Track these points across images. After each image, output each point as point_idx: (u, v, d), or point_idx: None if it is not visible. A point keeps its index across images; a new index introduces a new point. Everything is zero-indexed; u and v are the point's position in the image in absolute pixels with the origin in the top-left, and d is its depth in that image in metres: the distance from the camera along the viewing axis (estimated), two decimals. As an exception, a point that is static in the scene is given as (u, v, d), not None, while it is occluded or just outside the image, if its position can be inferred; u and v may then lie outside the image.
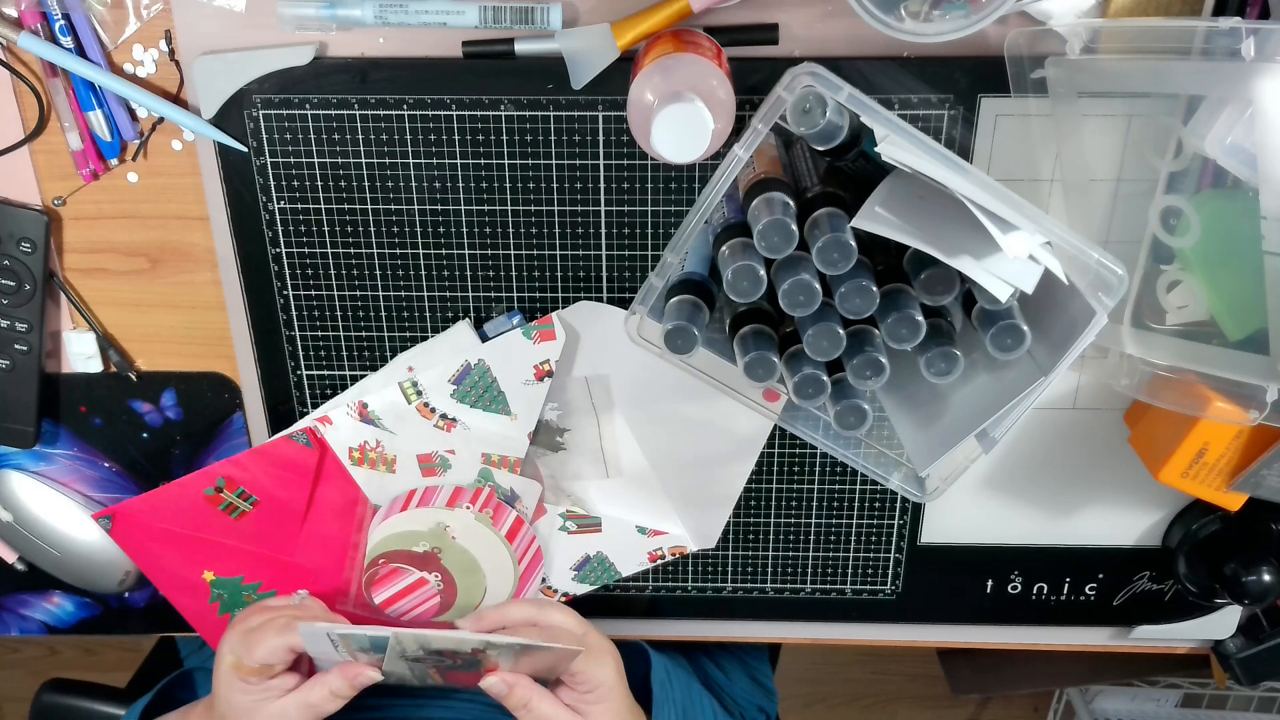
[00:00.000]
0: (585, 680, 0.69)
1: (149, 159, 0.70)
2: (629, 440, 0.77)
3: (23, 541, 0.82)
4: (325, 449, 0.74)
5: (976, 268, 0.57)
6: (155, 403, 0.78)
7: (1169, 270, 0.63)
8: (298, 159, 0.68)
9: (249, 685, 0.67)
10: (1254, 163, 0.56)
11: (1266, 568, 0.75)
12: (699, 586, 0.83)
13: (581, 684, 0.69)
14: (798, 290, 0.58)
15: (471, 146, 0.67)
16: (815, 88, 0.55)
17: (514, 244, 0.71)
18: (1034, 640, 0.87)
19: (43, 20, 0.65)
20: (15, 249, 0.71)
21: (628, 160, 0.68)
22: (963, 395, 0.65)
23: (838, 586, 0.83)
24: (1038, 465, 0.78)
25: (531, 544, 0.78)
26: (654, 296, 0.62)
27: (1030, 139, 0.66)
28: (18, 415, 0.76)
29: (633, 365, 0.73)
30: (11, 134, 0.69)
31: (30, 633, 0.88)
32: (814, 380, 0.62)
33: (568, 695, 0.70)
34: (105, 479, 0.81)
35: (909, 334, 0.60)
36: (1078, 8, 0.61)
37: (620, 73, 0.64)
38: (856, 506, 0.80)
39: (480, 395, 0.73)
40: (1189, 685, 1.47)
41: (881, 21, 0.56)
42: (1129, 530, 0.81)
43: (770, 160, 0.64)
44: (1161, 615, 0.84)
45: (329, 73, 0.66)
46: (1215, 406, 0.64)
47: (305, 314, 0.73)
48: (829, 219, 0.58)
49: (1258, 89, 0.53)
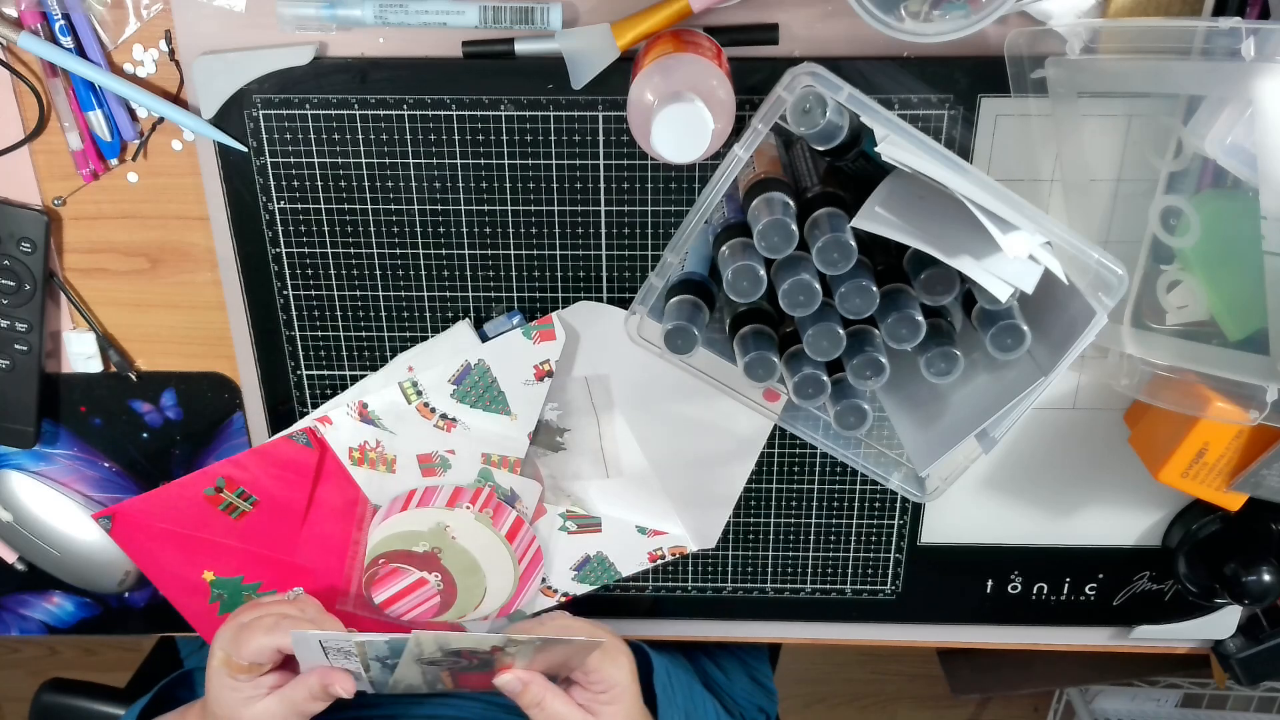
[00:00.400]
0: (600, 680, 0.69)
1: (149, 159, 0.70)
2: (629, 440, 0.77)
3: (23, 541, 0.82)
4: (325, 449, 0.74)
5: (976, 268, 0.57)
6: (155, 403, 0.78)
7: (1169, 270, 0.63)
8: (298, 159, 0.68)
9: (237, 683, 0.67)
10: (1254, 163, 0.56)
11: (1266, 568, 0.75)
12: (699, 586, 0.83)
13: (596, 683, 0.69)
14: (798, 290, 0.58)
15: (471, 146, 0.67)
16: (815, 88, 0.55)
17: (514, 244, 0.71)
18: (1034, 640, 0.87)
19: (43, 20, 0.65)
20: (15, 249, 0.71)
21: (628, 160, 0.68)
22: (963, 395, 0.65)
23: (838, 586, 0.83)
24: (1038, 465, 0.78)
25: (531, 544, 0.78)
26: (654, 296, 0.62)
27: (1030, 139, 0.66)
28: (18, 415, 0.76)
29: (633, 365, 0.73)
30: (11, 134, 0.69)
31: (30, 633, 0.88)
32: (814, 380, 0.62)
33: (581, 695, 0.69)
34: (105, 479, 0.81)
35: (909, 334, 0.60)
36: (1078, 8, 0.61)
37: (620, 73, 0.64)
38: (856, 506, 0.80)
39: (480, 395, 0.73)
40: (1189, 685, 1.47)
41: (881, 21, 0.56)
42: (1129, 530, 0.81)
43: (770, 160, 0.64)
44: (1161, 615, 0.84)
45: (329, 73, 0.66)
46: (1215, 406, 0.64)
47: (305, 314, 0.73)
48: (829, 219, 0.58)
49: (1258, 89, 0.53)
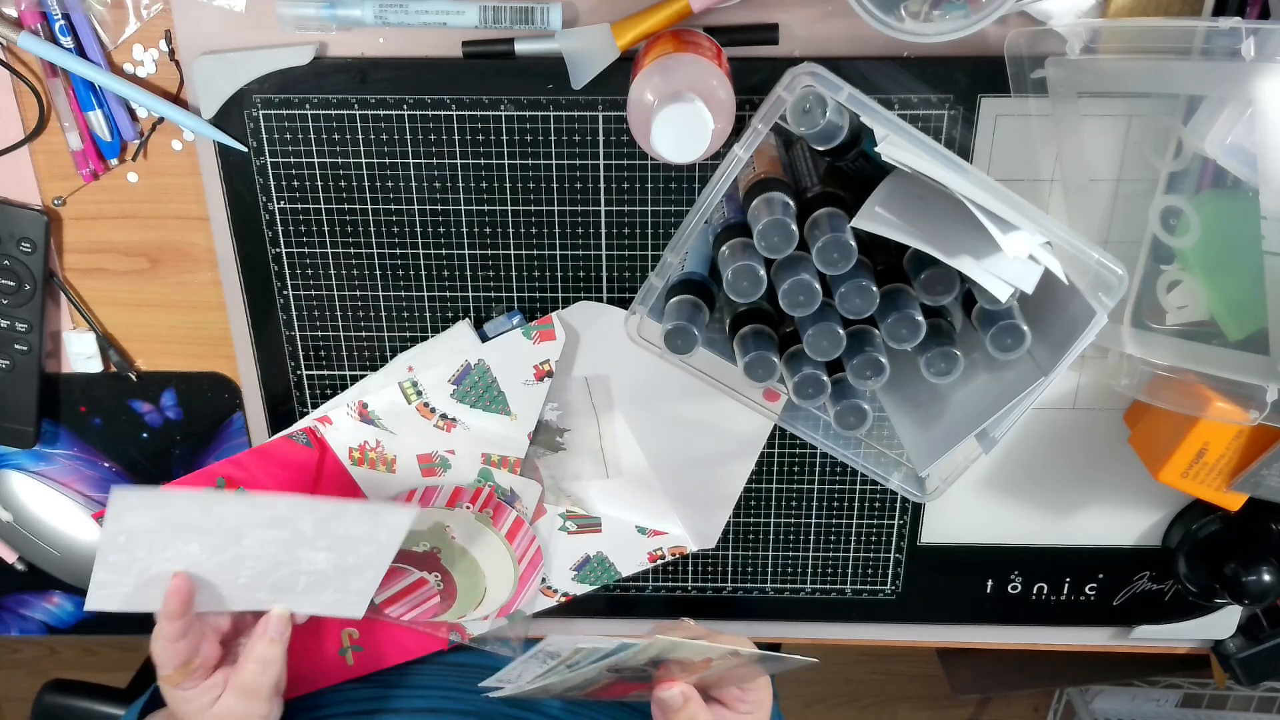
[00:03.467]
0: (752, 702, 0.67)
1: (149, 159, 0.70)
2: (629, 440, 0.77)
3: (23, 541, 0.82)
4: (325, 449, 0.74)
5: (976, 268, 0.57)
6: (155, 403, 0.78)
7: (1169, 270, 0.63)
8: (298, 159, 0.68)
9: (187, 693, 0.65)
10: (1254, 163, 0.56)
11: (1266, 568, 0.75)
12: (699, 586, 0.83)
13: (746, 706, 0.67)
14: (798, 290, 0.58)
15: (471, 146, 0.68)
16: (815, 88, 0.55)
17: (514, 244, 0.71)
18: (1034, 640, 0.87)
19: (43, 20, 0.65)
20: (15, 249, 0.71)
21: (628, 160, 0.68)
22: (963, 395, 0.65)
23: (838, 586, 0.83)
24: (1038, 465, 0.78)
25: (531, 544, 0.78)
26: (654, 296, 0.62)
27: (1030, 139, 0.66)
28: (18, 415, 0.76)
29: (633, 365, 0.73)
30: (11, 134, 0.69)
31: (30, 633, 0.88)
32: (814, 380, 0.62)
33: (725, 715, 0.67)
34: (105, 479, 0.81)
35: (909, 334, 0.60)
36: (1078, 8, 0.61)
37: (620, 73, 0.64)
38: (856, 506, 0.80)
39: (480, 395, 0.73)
40: (1189, 685, 1.47)
41: (881, 21, 0.56)
42: (1129, 530, 0.81)
43: (770, 160, 0.64)
44: (1161, 615, 0.84)
45: (329, 73, 0.66)
46: (1215, 406, 0.64)
47: (305, 314, 0.73)
48: (829, 219, 0.58)
49: (1258, 89, 0.53)
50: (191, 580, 0.64)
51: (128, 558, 0.62)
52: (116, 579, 0.63)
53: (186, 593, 0.63)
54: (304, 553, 0.64)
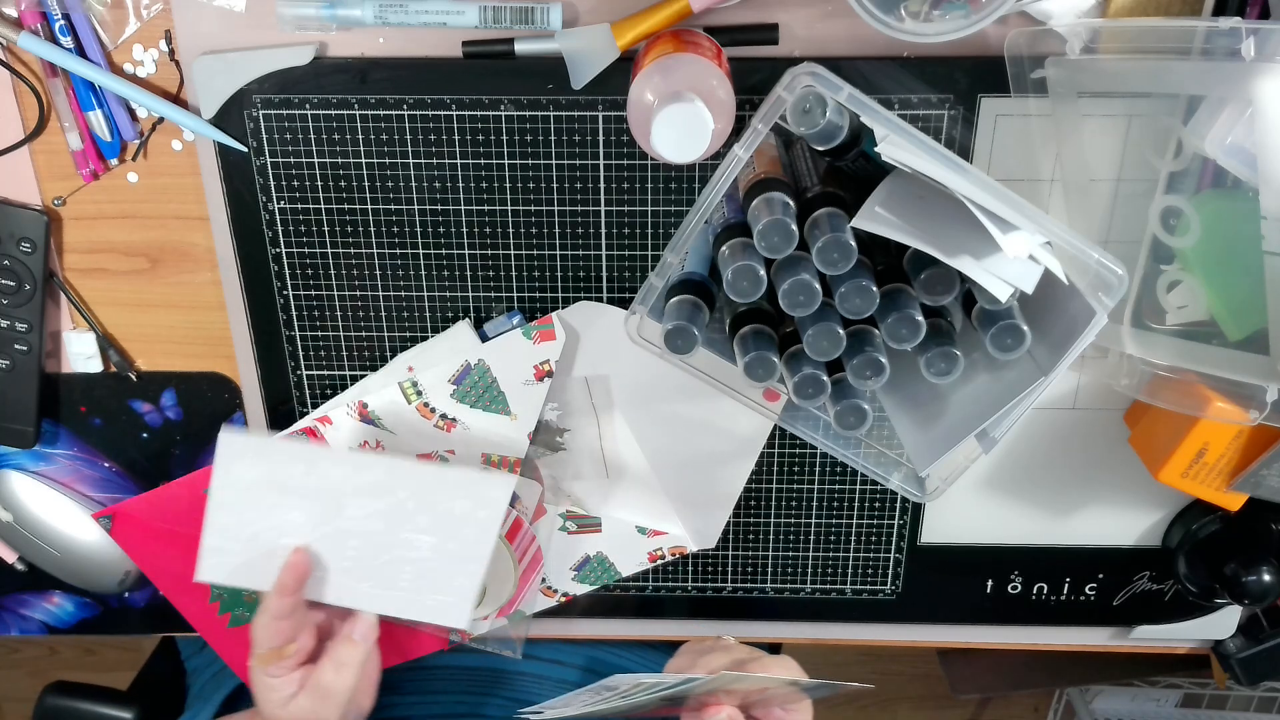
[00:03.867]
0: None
1: (149, 159, 0.70)
2: (629, 440, 0.77)
3: (23, 541, 0.82)
4: (325, 449, 0.74)
5: (976, 268, 0.57)
6: (155, 403, 0.78)
7: (1169, 270, 0.63)
8: (298, 159, 0.68)
9: (272, 680, 0.65)
10: (1254, 163, 0.56)
11: (1266, 568, 0.75)
12: (699, 586, 0.83)
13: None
14: (798, 290, 0.58)
15: (471, 146, 0.68)
16: (815, 88, 0.55)
17: (514, 244, 0.71)
18: (1034, 640, 0.87)
19: (43, 20, 0.65)
20: (15, 249, 0.71)
21: (628, 160, 0.68)
22: (963, 395, 0.65)
23: (838, 586, 0.83)
24: (1038, 465, 0.78)
25: (531, 544, 0.78)
26: (654, 296, 0.62)
27: (1030, 139, 0.66)
28: (18, 415, 0.76)
29: (633, 365, 0.73)
30: (11, 134, 0.69)
31: (30, 633, 0.88)
32: (814, 380, 0.62)
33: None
34: (105, 479, 0.81)
35: (909, 334, 0.60)
36: (1078, 8, 0.61)
37: (620, 73, 0.64)
38: (856, 506, 0.80)
39: (480, 395, 0.73)
40: (1189, 685, 1.47)
41: (881, 21, 0.56)
42: (1129, 530, 0.81)
43: (770, 160, 0.64)
44: (1161, 615, 0.84)
45: (329, 73, 0.66)
46: (1215, 406, 0.64)
47: (305, 314, 0.73)
48: (829, 219, 0.58)
49: (1258, 89, 0.53)
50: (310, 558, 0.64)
51: (237, 519, 0.62)
52: (227, 545, 0.63)
53: (304, 568, 0.64)
54: (406, 534, 0.63)
